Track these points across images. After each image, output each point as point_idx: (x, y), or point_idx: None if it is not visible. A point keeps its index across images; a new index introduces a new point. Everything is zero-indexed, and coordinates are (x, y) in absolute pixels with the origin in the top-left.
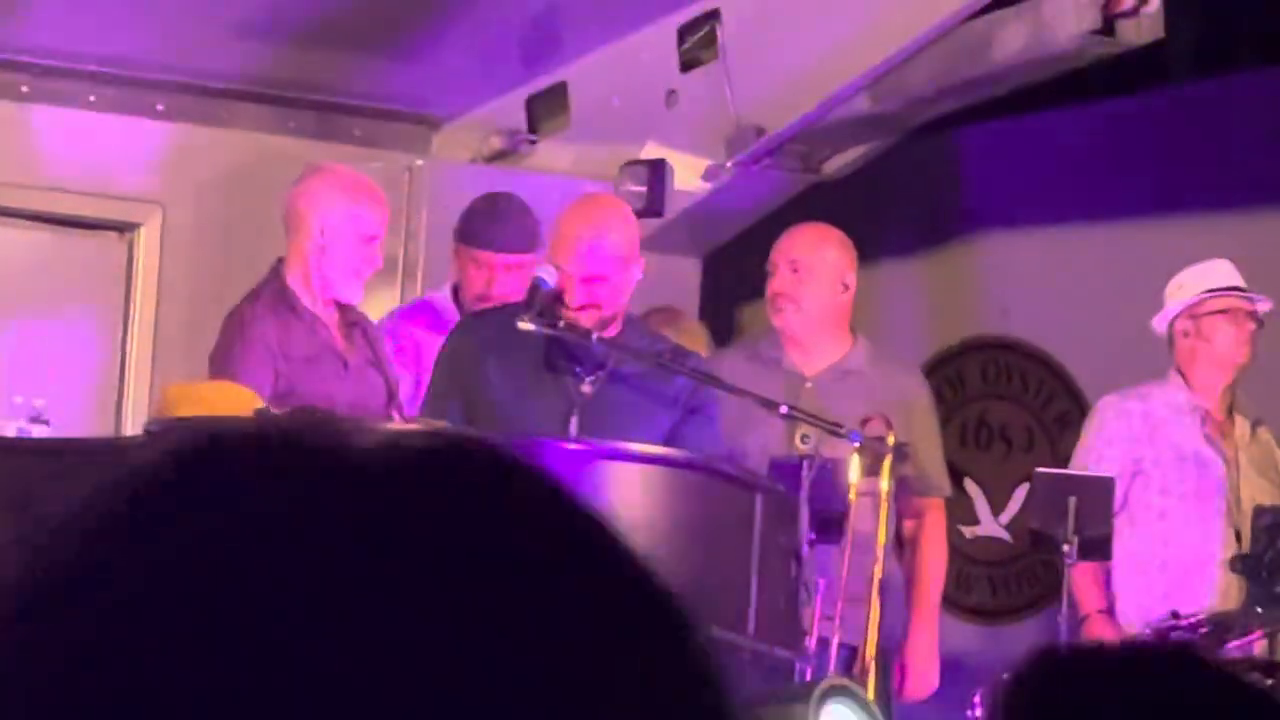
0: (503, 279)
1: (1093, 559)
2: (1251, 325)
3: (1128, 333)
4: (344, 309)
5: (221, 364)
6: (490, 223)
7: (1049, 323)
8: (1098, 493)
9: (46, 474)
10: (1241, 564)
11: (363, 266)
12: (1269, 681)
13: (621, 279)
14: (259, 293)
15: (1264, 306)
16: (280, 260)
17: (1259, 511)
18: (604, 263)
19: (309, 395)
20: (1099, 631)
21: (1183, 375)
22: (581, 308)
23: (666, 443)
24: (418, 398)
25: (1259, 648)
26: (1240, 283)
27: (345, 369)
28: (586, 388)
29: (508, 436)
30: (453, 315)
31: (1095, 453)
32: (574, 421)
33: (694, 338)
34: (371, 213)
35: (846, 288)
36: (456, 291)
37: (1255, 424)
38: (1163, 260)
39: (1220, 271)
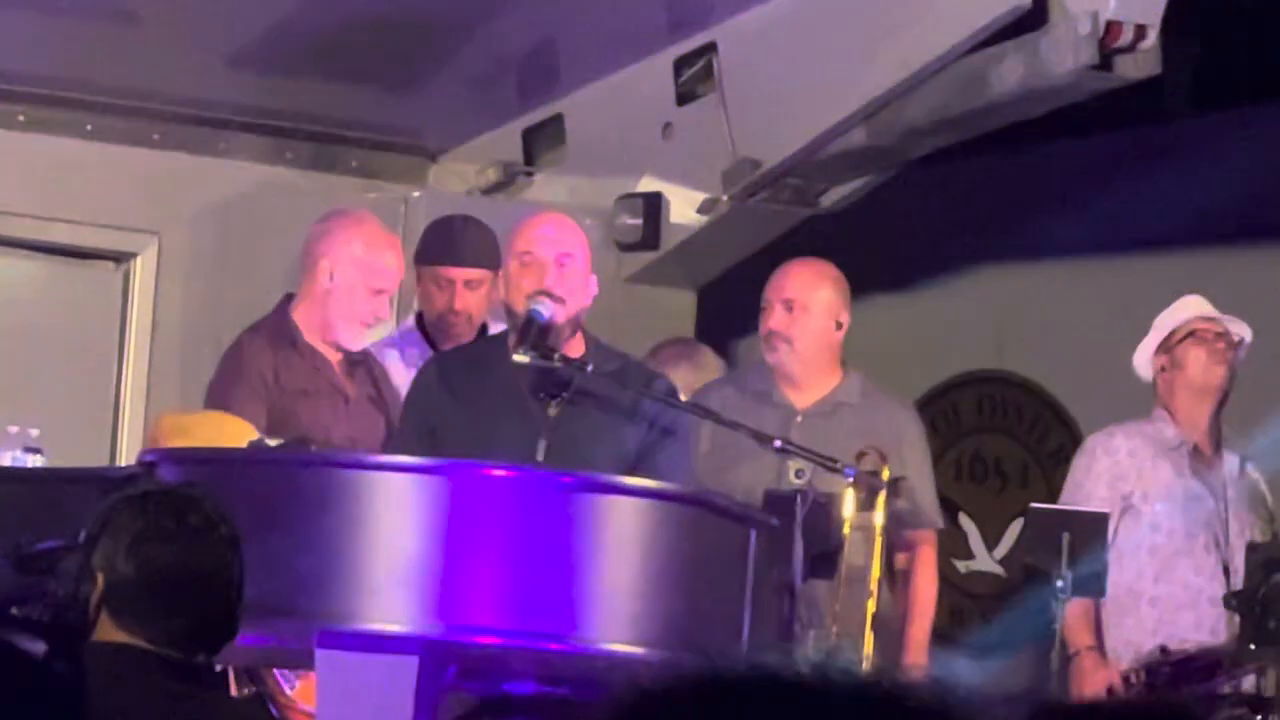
0: (464, 295)
1: (1087, 595)
2: (1223, 348)
3: (1124, 367)
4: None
5: (216, 395)
6: (448, 240)
7: (1045, 357)
8: (1092, 528)
9: (40, 504)
10: (1235, 600)
11: (368, 316)
12: (1258, 717)
13: (580, 274)
14: (261, 325)
15: (1239, 330)
16: (290, 295)
17: (1252, 548)
18: (567, 243)
19: (304, 428)
20: (1088, 668)
21: (1168, 411)
22: (549, 294)
23: (636, 461)
24: None
25: (1248, 683)
26: (1212, 313)
27: (346, 404)
28: (552, 410)
29: (505, 465)
30: (418, 341)
31: (1083, 491)
32: (541, 446)
33: (708, 369)
34: (385, 265)
35: (840, 326)
36: (421, 319)
37: (1243, 460)
38: (1159, 295)
39: (1188, 306)
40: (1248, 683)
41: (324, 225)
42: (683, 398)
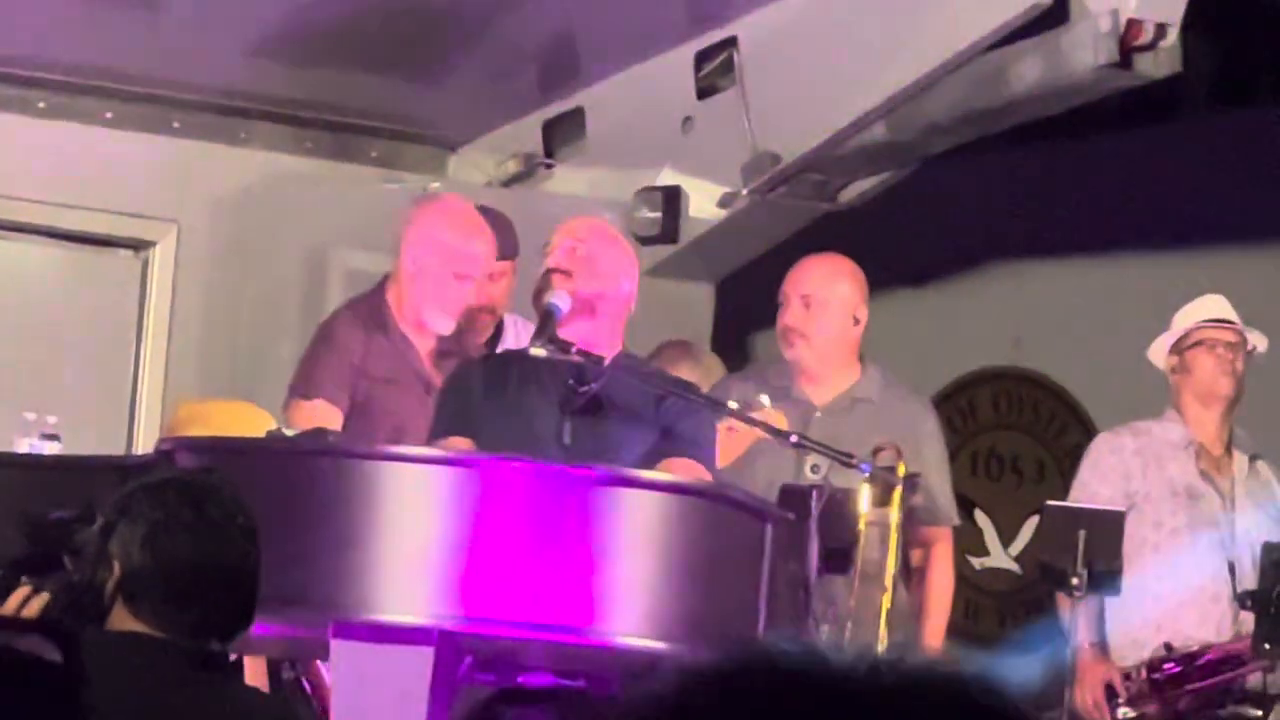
0: (486, 287)
1: (1102, 593)
2: (1233, 357)
3: (1141, 365)
4: (442, 337)
5: (304, 371)
6: None
7: (1062, 354)
8: (1108, 526)
9: (57, 492)
10: (1251, 600)
11: (450, 302)
12: (1259, 713)
13: (594, 259)
14: (358, 304)
15: (1253, 338)
16: (387, 276)
17: (1269, 548)
18: (583, 232)
19: (384, 414)
20: (1090, 665)
21: (1178, 412)
22: (561, 270)
23: (648, 457)
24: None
25: (1252, 680)
26: (1227, 315)
27: (428, 394)
28: (579, 399)
29: (522, 458)
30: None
31: (1089, 489)
32: (567, 428)
33: (709, 369)
34: (469, 250)
35: (858, 321)
36: None
37: (1253, 459)
38: (1177, 293)
39: (1206, 305)
40: (1253, 679)
41: (414, 210)
42: None
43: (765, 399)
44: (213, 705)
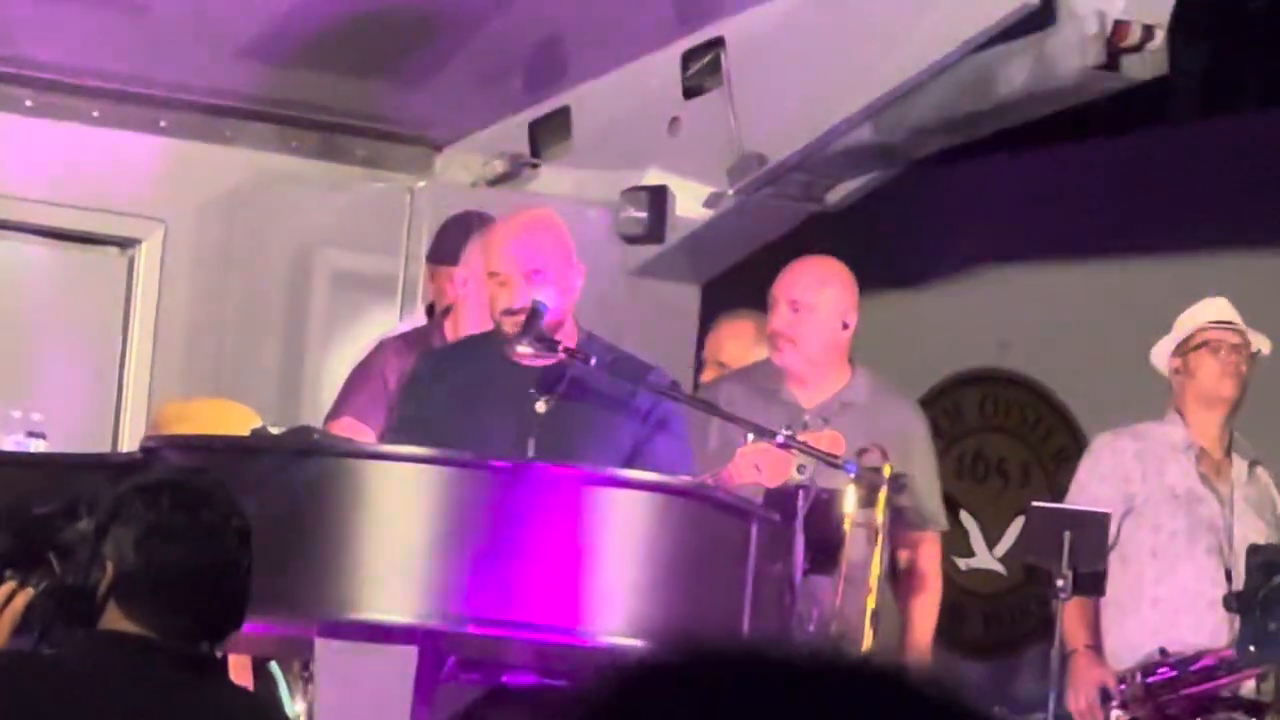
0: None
1: (1087, 594)
2: (1237, 359)
3: (1126, 368)
4: None
5: (337, 397)
6: (464, 240)
7: (1048, 357)
8: (1093, 528)
9: (42, 489)
10: (1235, 602)
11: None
12: None
13: (557, 278)
14: (407, 334)
15: (1257, 341)
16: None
17: (1253, 549)
18: (535, 258)
19: None
20: (1082, 666)
21: (1180, 414)
22: (522, 310)
23: (632, 456)
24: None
25: (1245, 687)
26: (1231, 318)
27: None
28: (540, 406)
29: (499, 460)
30: (440, 337)
31: (1089, 490)
32: (531, 443)
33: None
34: None
35: (847, 326)
36: (431, 313)
37: (1252, 464)
38: (1163, 297)
39: (1211, 308)
40: (1246, 687)
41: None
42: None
43: (823, 421)
44: (202, 706)
